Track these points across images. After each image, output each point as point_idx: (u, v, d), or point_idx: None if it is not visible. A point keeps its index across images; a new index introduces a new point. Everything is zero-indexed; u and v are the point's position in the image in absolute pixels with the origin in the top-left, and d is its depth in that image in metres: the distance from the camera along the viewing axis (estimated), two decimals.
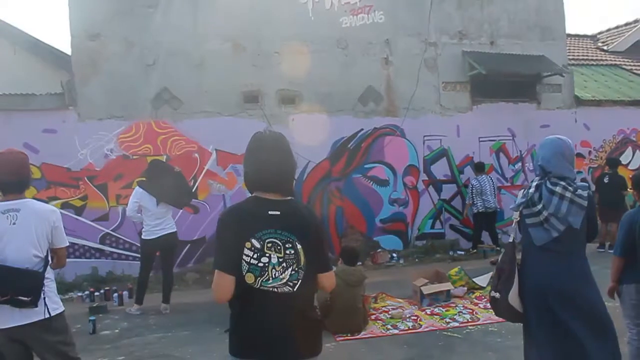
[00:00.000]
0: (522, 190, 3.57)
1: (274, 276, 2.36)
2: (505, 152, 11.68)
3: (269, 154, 2.50)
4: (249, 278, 2.34)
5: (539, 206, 3.35)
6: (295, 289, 2.40)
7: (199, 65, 9.64)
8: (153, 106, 9.45)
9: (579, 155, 12.20)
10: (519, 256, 3.51)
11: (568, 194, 3.31)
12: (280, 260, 2.37)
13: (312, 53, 10.20)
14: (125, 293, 8.20)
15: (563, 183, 3.35)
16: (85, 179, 9.12)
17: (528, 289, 3.37)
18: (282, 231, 2.40)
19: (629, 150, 12.83)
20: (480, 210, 10.62)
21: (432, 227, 11.17)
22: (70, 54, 9.32)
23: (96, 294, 8.37)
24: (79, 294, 8.50)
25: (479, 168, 10.91)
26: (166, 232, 7.31)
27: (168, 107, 9.53)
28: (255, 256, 2.35)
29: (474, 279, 7.74)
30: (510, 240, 3.53)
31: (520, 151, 11.76)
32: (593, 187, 10.19)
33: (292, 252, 2.40)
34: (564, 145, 3.47)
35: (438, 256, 10.69)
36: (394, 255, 10.55)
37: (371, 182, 10.71)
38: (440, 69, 11.16)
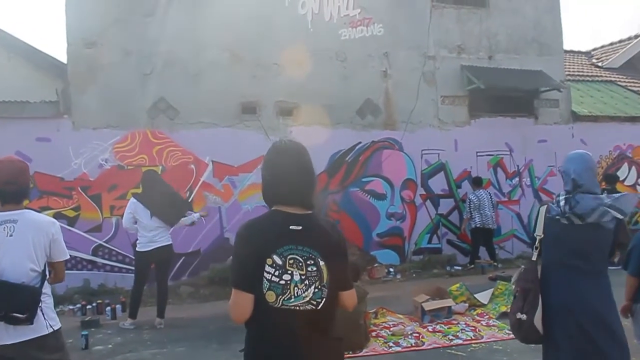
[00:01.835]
0: (544, 207, 3.45)
1: (296, 294, 2.22)
2: (502, 166, 11.63)
3: (289, 165, 2.36)
4: (270, 296, 2.21)
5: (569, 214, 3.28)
6: (319, 307, 2.26)
7: (197, 75, 9.53)
8: (149, 116, 9.31)
9: None
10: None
11: (607, 201, 3.26)
12: (303, 277, 2.24)
13: (311, 65, 10.11)
14: (118, 306, 7.98)
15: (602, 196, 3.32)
16: (79, 189, 8.95)
17: (555, 308, 3.27)
18: (304, 247, 2.27)
19: (625, 166, 12.83)
20: (478, 226, 10.53)
21: (429, 242, 11.07)
22: (65, 62, 9.18)
23: (88, 307, 8.15)
24: (70, 307, 8.29)
25: (477, 183, 10.85)
26: (161, 245, 7.14)
27: (164, 117, 9.40)
28: (276, 273, 2.21)
29: (475, 295, 7.62)
30: (534, 258, 3.42)
31: (518, 166, 11.72)
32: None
33: (315, 269, 2.26)
34: (592, 161, 3.47)
35: (435, 271, 10.57)
36: (391, 270, 10.41)
37: (368, 196, 10.60)
38: (439, 82, 11.13)
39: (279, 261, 2.22)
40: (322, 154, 10.10)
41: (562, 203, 3.31)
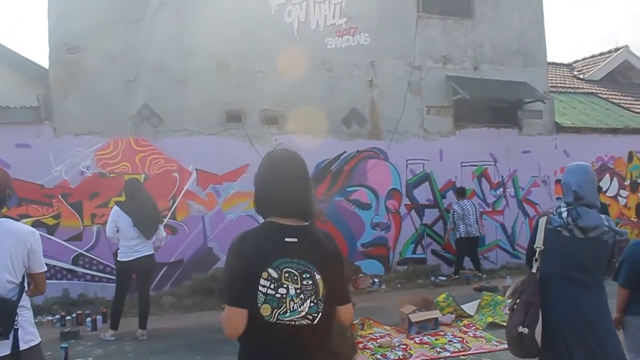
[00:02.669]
0: (543, 218, 3.41)
1: (292, 308, 2.14)
2: (487, 177, 11.66)
3: (285, 175, 2.29)
4: (265, 310, 2.12)
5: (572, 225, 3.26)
6: (315, 322, 2.18)
7: (182, 82, 9.42)
8: (133, 123, 9.17)
9: (559, 181, 12.22)
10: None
11: (608, 222, 3.28)
12: (298, 291, 2.16)
13: (297, 73, 10.04)
14: (99, 317, 7.78)
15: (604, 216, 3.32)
16: (59, 196, 8.76)
17: (555, 321, 3.22)
18: (300, 260, 2.18)
19: (607, 177, 12.95)
20: (462, 236, 10.52)
21: (414, 252, 11.03)
22: (47, 67, 9.02)
23: (67, 318, 7.92)
24: (49, 318, 8.05)
25: (461, 193, 10.85)
26: (143, 255, 7.00)
27: (148, 125, 9.26)
28: (272, 286, 2.13)
29: (461, 306, 7.58)
30: (534, 270, 3.37)
31: (502, 176, 11.76)
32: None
33: (310, 282, 2.18)
34: (592, 173, 3.45)
35: (420, 281, 10.54)
36: (376, 280, 10.36)
37: (353, 206, 10.55)
38: (424, 92, 11.14)
39: (274, 274, 2.14)
40: (307, 163, 9.85)
41: (564, 214, 3.27)
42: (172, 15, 9.39)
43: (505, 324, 6.87)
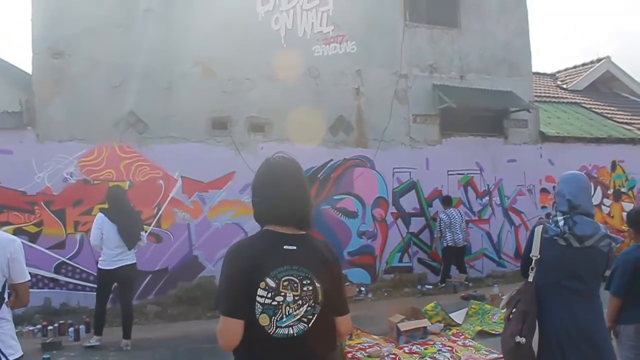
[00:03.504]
0: (540, 227, 3.38)
1: (287, 313, 2.11)
2: (473, 185, 11.68)
3: (283, 183, 2.24)
4: (264, 320, 2.08)
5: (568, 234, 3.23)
6: (310, 325, 2.15)
7: (167, 89, 9.32)
8: (117, 129, 9.03)
9: (544, 190, 12.34)
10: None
11: (604, 230, 3.27)
12: (296, 298, 2.12)
13: (283, 80, 10.01)
14: (82, 327, 7.61)
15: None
16: (42, 203, 8.58)
17: (554, 330, 3.20)
18: (300, 267, 2.15)
19: (591, 186, 13.01)
20: (449, 244, 10.51)
21: (400, 260, 10.98)
22: (30, 72, 8.87)
23: (49, 328, 7.72)
24: (30, 328, 7.84)
25: (447, 202, 10.86)
26: (125, 264, 6.87)
27: (133, 131, 9.14)
28: (269, 296, 2.09)
29: (450, 315, 7.54)
30: (530, 279, 3.34)
31: (488, 185, 11.79)
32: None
33: (311, 288, 2.15)
34: (587, 181, 3.44)
35: (407, 290, 10.50)
36: (362, 289, 10.30)
37: (340, 214, 10.49)
38: (411, 101, 11.15)
39: (272, 284, 2.10)
40: None
41: (561, 223, 3.25)
42: (158, 20, 9.29)
43: (493, 333, 6.92)
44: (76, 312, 8.42)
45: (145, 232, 7.46)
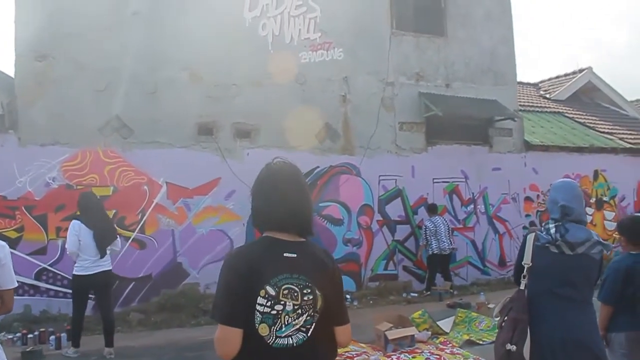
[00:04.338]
0: (531, 235, 3.36)
1: (286, 323, 2.06)
2: (458, 193, 11.71)
3: (283, 189, 2.19)
4: (263, 330, 2.03)
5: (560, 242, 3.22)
6: (309, 334, 2.11)
7: (153, 94, 9.22)
8: (101, 134, 8.91)
9: (528, 199, 12.42)
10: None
11: (597, 237, 3.27)
12: (296, 307, 2.08)
13: (270, 87, 9.97)
14: (63, 335, 7.42)
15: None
16: (23, 208, 8.42)
17: (545, 338, 3.17)
18: (300, 275, 2.10)
19: None
20: (435, 252, 10.51)
21: (386, 268, 10.96)
22: (13, 74, 8.71)
23: (29, 336, 7.51)
24: (9, 336, 7.65)
25: (432, 210, 10.87)
26: (101, 270, 6.72)
27: (118, 136, 9.01)
28: (268, 304, 2.04)
29: (437, 323, 7.52)
30: (522, 287, 3.32)
31: (473, 193, 11.83)
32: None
33: (311, 297, 2.11)
34: (579, 189, 3.46)
35: (392, 298, 10.46)
36: (347, 296, 10.22)
37: (325, 221, 10.44)
38: (397, 109, 11.16)
39: (272, 292, 2.05)
40: None
41: (552, 231, 3.25)
42: (145, 25, 9.19)
43: (480, 342, 6.90)
44: (57, 319, 8.24)
45: (127, 237, 7.28)
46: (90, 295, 7.00)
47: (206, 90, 9.58)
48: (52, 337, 7.40)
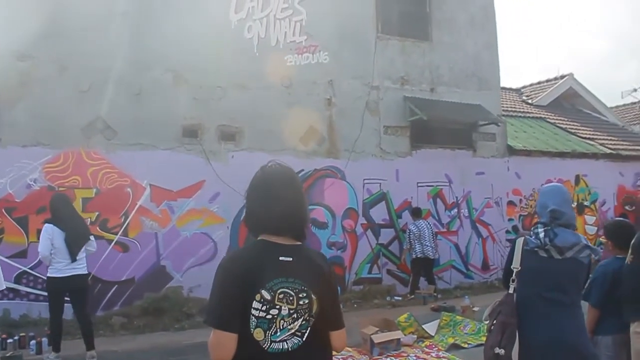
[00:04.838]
0: (520, 239, 3.37)
1: (281, 327, 2.04)
2: (442, 197, 11.77)
3: (279, 192, 2.16)
4: (258, 334, 2.00)
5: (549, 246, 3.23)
6: (304, 339, 2.09)
7: (137, 95, 9.12)
8: (84, 135, 8.78)
9: (511, 203, 12.52)
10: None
11: (585, 241, 3.29)
12: (292, 311, 2.05)
13: (255, 89, 9.94)
14: (44, 339, 7.24)
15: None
16: (3, 210, 8.26)
17: (536, 342, 3.18)
18: (295, 279, 2.07)
19: None
20: (418, 256, 10.54)
21: (370, 271, 10.96)
22: None
23: (9, 341, 7.32)
24: None
25: (416, 213, 10.90)
26: (77, 273, 6.57)
27: (101, 137, 8.90)
28: (264, 309, 2.01)
29: (423, 326, 7.53)
30: (511, 291, 3.33)
31: (457, 197, 11.89)
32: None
33: (307, 301, 2.08)
34: (568, 193, 3.49)
35: (376, 302, 10.45)
36: None
37: (310, 225, 10.39)
38: (382, 112, 11.20)
39: (267, 296, 2.03)
40: None
41: (541, 235, 3.25)
42: (129, 26, 9.10)
43: (465, 345, 6.92)
44: (37, 324, 8.06)
45: (110, 240, 7.14)
46: (65, 299, 6.84)
47: (191, 92, 9.51)
48: (33, 342, 7.23)
